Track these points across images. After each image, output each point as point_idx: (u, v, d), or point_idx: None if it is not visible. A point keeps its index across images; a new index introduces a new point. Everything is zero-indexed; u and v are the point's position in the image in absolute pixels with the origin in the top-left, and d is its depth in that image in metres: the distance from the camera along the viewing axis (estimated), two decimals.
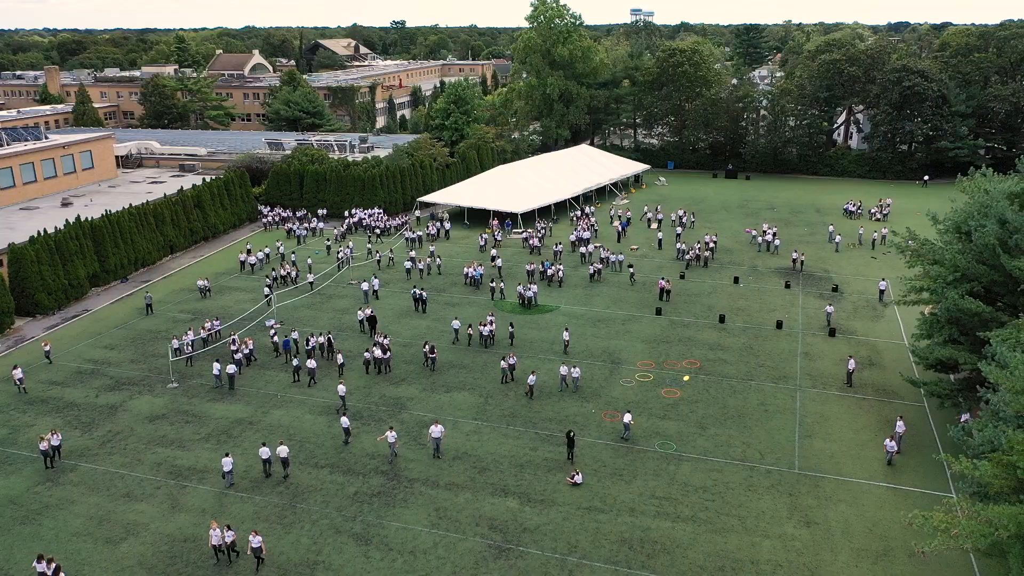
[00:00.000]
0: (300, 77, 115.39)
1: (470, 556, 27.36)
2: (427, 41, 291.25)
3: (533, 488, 31.36)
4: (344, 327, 48.32)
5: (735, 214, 76.59)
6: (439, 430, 33.04)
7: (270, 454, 32.43)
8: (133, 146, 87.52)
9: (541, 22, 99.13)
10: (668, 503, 30.29)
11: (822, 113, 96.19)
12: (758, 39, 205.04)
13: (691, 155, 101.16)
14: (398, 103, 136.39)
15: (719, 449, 34.14)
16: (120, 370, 42.91)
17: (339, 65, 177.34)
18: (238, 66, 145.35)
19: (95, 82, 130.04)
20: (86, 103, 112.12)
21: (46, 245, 51.44)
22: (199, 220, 66.63)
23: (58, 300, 51.94)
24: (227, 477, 31.65)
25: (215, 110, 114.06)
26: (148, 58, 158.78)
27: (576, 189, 78.28)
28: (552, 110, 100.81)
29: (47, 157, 70.94)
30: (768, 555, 27.33)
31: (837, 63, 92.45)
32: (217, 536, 26.83)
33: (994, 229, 31.24)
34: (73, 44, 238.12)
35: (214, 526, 27.19)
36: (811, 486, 31.36)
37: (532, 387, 38.77)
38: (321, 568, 26.87)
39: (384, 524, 29.17)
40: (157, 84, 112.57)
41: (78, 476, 32.75)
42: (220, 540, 26.79)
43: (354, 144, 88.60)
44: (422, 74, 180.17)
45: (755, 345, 45.16)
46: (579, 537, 28.31)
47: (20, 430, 36.46)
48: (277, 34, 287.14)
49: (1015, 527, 19.86)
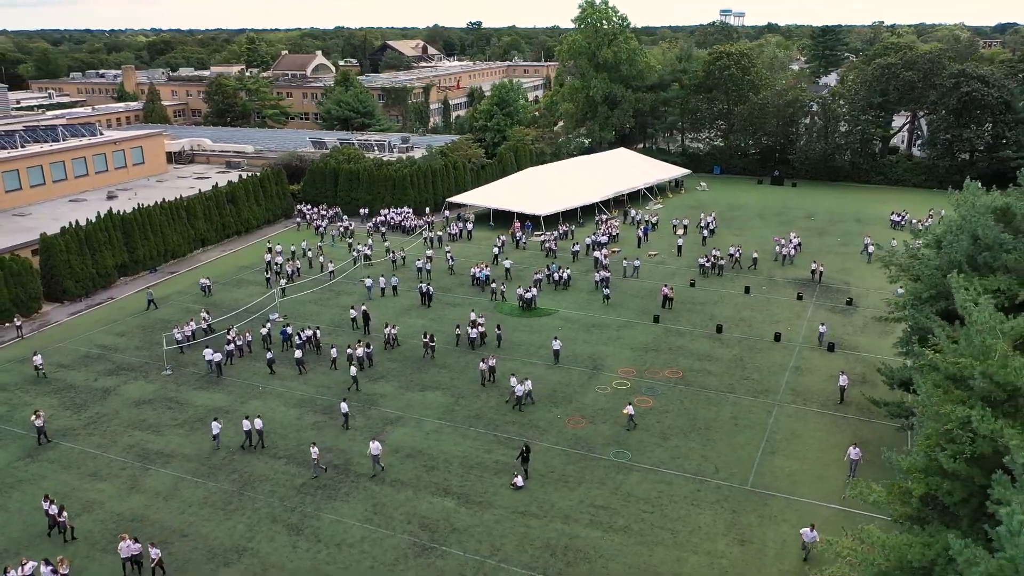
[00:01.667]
0: (353, 77, 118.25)
1: (392, 553, 27.83)
2: (500, 42, 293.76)
3: (475, 490, 31.57)
4: (344, 323, 49.44)
5: (770, 222, 74.54)
6: (376, 447, 32.44)
7: (250, 426, 34.85)
8: (186, 143, 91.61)
9: (588, 24, 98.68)
10: (605, 512, 30.01)
11: (877, 119, 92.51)
12: (835, 41, 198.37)
13: (738, 160, 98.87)
14: (455, 103, 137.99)
15: (674, 461, 33.56)
16: (124, 356, 45.21)
17: (405, 66, 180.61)
18: (301, 66, 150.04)
19: (168, 81, 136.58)
20: (155, 101, 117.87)
21: (76, 236, 54.55)
22: (231, 215, 69.26)
23: (85, 288, 55.00)
24: (216, 440, 34.88)
25: (272, 109, 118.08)
26: (221, 58, 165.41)
27: (607, 192, 77.72)
28: (596, 113, 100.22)
29: (98, 152, 75.08)
30: (691, 571, 26.79)
31: (892, 67, 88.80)
32: (127, 548, 26.46)
33: (964, 245, 29.68)
34: (162, 44, 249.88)
35: (124, 538, 26.80)
36: (758, 504, 30.52)
37: (519, 396, 37.94)
38: (248, 554, 27.82)
39: (320, 516, 29.94)
40: (220, 84, 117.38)
41: (56, 454, 34.78)
42: (129, 552, 26.41)
43: (394, 144, 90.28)
44: (486, 75, 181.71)
45: (746, 357, 44.04)
46: (505, 540, 28.39)
47: (19, 408, 38.89)
48: (359, 35, 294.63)
49: (896, 558, 18.99)
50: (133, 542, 26.67)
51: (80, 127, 79.11)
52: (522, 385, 38.13)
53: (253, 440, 34.90)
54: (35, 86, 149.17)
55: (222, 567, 27.18)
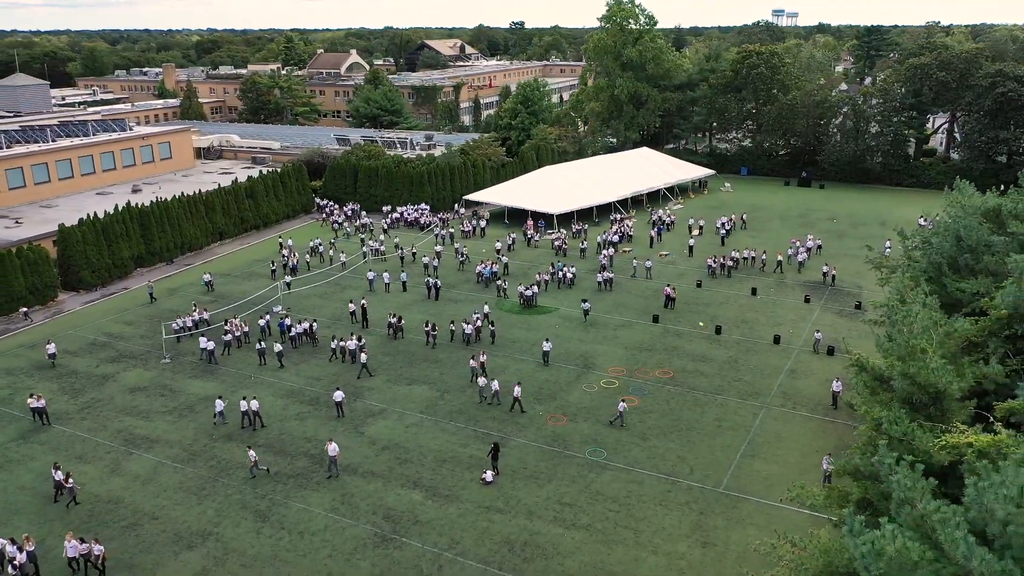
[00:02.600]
0: (383, 76, 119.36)
1: (352, 542, 28.06)
2: (541, 42, 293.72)
3: (444, 483, 31.65)
4: (345, 317, 49.95)
5: (790, 224, 73.13)
6: (334, 448, 32.18)
7: (247, 406, 36.02)
8: (215, 139, 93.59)
9: (614, 23, 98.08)
10: (570, 510, 29.82)
11: (910, 120, 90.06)
12: (880, 41, 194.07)
13: (766, 161, 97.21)
14: (486, 103, 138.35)
15: (650, 461, 33.19)
16: (128, 344, 46.40)
17: (441, 65, 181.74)
18: (335, 65, 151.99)
19: (206, 79, 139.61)
20: (192, 98, 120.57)
21: (93, 227, 56.13)
22: (250, 209, 70.53)
23: (101, 278, 56.57)
24: (217, 417, 36.39)
25: (303, 107, 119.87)
26: (259, 56, 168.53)
27: (624, 192, 77.13)
28: (622, 112, 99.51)
29: (126, 147, 77.16)
30: (648, 571, 26.48)
31: (926, 67, 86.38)
32: (73, 548, 26.16)
33: (947, 247, 28.82)
34: (210, 43, 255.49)
35: (69, 538, 26.43)
36: (728, 506, 30.01)
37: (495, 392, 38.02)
38: (212, 539, 28.33)
39: (288, 504, 30.34)
40: (254, 81, 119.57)
41: (48, 436, 35.86)
42: (76, 552, 26.15)
43: (417, 142, 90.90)
44: (522, 74, 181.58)
45: (741, 359, 43.32)
46: (465, 534, 28.41)
47: (20, 392, 40.15)
48: (403, 35, 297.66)
49: (823, 562, 18.54)
50: (79, 542, 26.30)
51: (111, 123, 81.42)
52: (492, 384, 38.03)
53: (251, 420, 36.03)
54: (81, 83, 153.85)
55: (185, 550, 27.73)
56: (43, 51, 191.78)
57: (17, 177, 67.71)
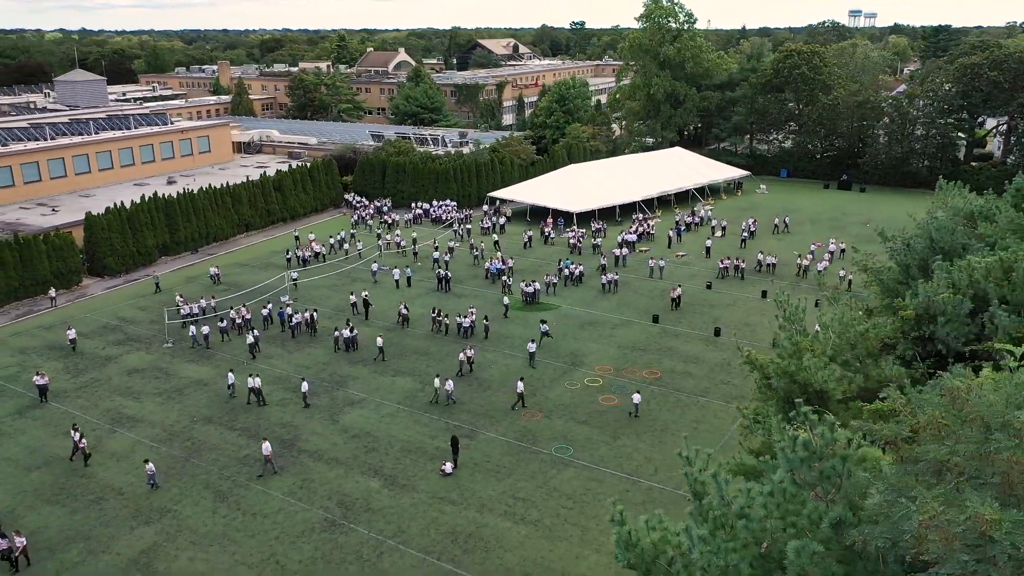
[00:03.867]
0: (425, 74, 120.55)
1: (301, 526, 28.53)
2: (600, 42, 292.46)
3: (404, 473, 31.89)
4: (348, 308, 50.71)
5: (821, 227, 71.10)
6: (267, 447, 31.87)
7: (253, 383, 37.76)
8: (255, 134, 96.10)
9: (652, 21, 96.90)
10: (523, 505, 29.69)
11: (959, 122, 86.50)
12: (947, 41, 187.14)
13: (807, 163, 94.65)
14: (531, 101, 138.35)
15: (615, 460, 32.78)
16: (136, 328, 48.10)
17: (492, 64, 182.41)
18: (384, 63, 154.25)
19: (258, 76, 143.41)
20: (242, 95, 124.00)
21: (118, 216, 58.34)
22: (277, 202, 72.21)
23: (125, 265, 58.74)
24: (231, 388, 38.60)
25: (346, 104, 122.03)
26: (312, 55, 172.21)
27: (650, 192, 76.21)
28: (659, 111, 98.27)
29: (165, 140, 79.90)
30: (585, 570, 26.20)
31: (976, 67, 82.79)
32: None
33: (919, 249, 27.62)
34: (273, 43, 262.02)
35: None
36: (684, 507, 29.32)
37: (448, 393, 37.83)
38: (170, 516, 29.19)
39: (249, 486, 31.02)
40: (301, 79, 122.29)
41: (42, 413, 37.48)
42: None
43: (449, 139, 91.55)
44: (572, 73, 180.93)
45: (734, 361, 42.25)
46: (412, 524, 28.58)
47: (27, 370, 41.97)
48: (459, 35, 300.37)
49: None
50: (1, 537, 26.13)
51: (154, 116, 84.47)
52: (445, 386, 37.79)
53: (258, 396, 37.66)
54: (144, 80, 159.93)
55: (141, 525, 28.65)
56: (112, 49, 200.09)
57: (59, 167, 70.84)
